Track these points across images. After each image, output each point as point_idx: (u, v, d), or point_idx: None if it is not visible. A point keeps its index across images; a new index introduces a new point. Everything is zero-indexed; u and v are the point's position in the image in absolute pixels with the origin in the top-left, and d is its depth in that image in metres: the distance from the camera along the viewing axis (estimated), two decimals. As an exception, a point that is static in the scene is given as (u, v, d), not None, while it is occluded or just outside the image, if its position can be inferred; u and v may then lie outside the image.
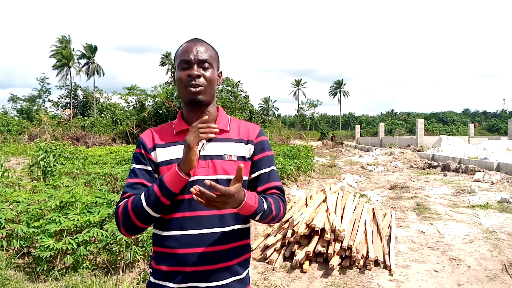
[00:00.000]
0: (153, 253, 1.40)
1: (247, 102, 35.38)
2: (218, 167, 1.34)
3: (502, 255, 4.61)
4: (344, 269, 4.09)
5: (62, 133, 25.92)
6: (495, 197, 8.27)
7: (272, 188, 1.44)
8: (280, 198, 1.43)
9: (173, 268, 1.31)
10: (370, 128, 64.56)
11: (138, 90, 36.54)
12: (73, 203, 3.97)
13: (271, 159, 1.47)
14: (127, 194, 1.35)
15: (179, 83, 1.38)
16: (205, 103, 1.39)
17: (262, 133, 1.48)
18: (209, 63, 1.38)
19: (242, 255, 1.40)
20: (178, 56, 1.40)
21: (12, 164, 10.09)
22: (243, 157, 1.40)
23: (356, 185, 10.22)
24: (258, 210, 1.29)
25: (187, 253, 1.30)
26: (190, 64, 1.36)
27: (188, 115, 1.43)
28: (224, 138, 1.40)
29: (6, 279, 3.44)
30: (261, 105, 78.64)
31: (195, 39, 1.41)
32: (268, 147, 1.48)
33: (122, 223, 1.30)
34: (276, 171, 1.49)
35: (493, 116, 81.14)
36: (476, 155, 16.29)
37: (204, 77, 1.36)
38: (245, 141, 1.42)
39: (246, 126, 1.47)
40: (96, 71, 55.64)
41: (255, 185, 1.44)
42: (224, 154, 1.37)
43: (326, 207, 4.95)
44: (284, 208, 1.42)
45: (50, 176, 7.05)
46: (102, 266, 3.81)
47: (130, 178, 1.37)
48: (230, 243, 1.35)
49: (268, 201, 1.35)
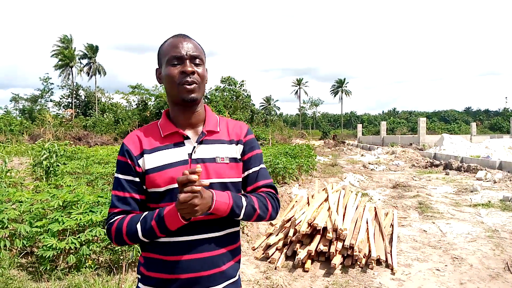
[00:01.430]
0: (142, 259, 1.34)
1: (249, 101, 35.38)
2: (211, 170, 1.30)
3: (505, 253, 4.61)
4: (346, 268, 4.09)
5: (64, 133, 26.00)
6: (497, 195, 8.25)
7: (262, 187, 1.40)
8: (269, 195, 1.38)
9: (167, 275, 1.27)
10: (372, 127, 64.43)
11: (142, 89, 36.57)
12: (76, 202, 3.98)
13: (260, 157, 1.44)
14: (118, 209, 1.30)
15: (169, 80, 1.29)
16: (197, 102, 1.33)
17: (250, 131, 1.45)
18: (200, 59, 1.32)
19: (234, 257, 1.37)
20: (166, 51, 1.31)
21: (15, 164, 10.12)
22: (235, 159, 1.36)
23: (358, 184, 10.21)
24: (235, 206, 1.25)
25: (182, 260, 1.27)
26: (182, 60, 1.28)
27: (176, 115, 1.35)
28: (214, 140, 1.35)
29: (10, 278, 3.45)
30: (262, 104, 78.57)
31: (182, 35, 1.34)
32: (256, 145, 1.45)
33: (114, 239, 1.29)
34: (265, 169, 1.46)
35: (495, 114, 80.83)
36: (478, 153, 16.24)
37: (198, 74, 1.30)
38: (235, 142, 1.38)
39: (234, 126, 1.43)
40: (98, 71, 55.70)
41: (244, 185, 1.41)
42: (216, 157, 1.32)
43: (328, 206, 4.95)
44: (273, 205, 1.38)
45: (53, 175, 7.07)
46: (105, 265, 3.82)
47: (117, 190, 1.31)
48: (224, 247, 1.33)
49: (249, 198, 1.31)
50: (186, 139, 1.33)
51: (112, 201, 1.32)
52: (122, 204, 1.30)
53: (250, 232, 5.12)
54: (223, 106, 30.99)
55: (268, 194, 1.39)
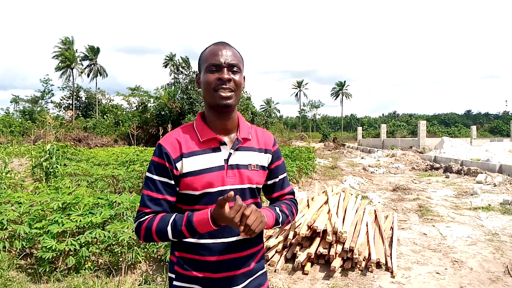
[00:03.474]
0: (175, 258, 1.41)
1: (249, 103, 35.41)
2: (244, 176, 1.39)
3: (505, 257, 4.60)
4: (346, 271, 4.08)
5: (64, 134, 25.98)
6: (498, 199, 8.25)
7: (286, 194, 1.57)
8: (293, 202, 1.56)
9: (203, 274, 1.36)
10: (372, 130, 64.38)
11: (141, 91, 36.59)
12: (76, 204, 3.97)
13: (284, 166, 1.58)
14: (149, 209, 1.33)
15: (206, 86, 1.34)
16: (232, 109, 1.38)
17: (275, 141, 1.55)
18: (238, 67, 1.36)
19: (259, 254, 1.49)
20: (206, 58, 1.36)
21: (15, 165, 10.12)
22: (263, 167, 1.47)
23: (358, 187, 10.20)
24: (278, 218, 1.40)
25: (219, 260, 1.36)
26: (220, 68, 1.33)
27: (212, 120, 1.40)
28: (248, 147, 1.43)
29: (9, 280, 3.45)
30: (263, 106, 78.61)
31: (223, 42, 1.39)
32: (281, 154, 1.58)
33: (143, 237, 1.32)
34: (287, 176, 1.61)
35: (496, 118, 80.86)
36: (478, 157, 16.24)
37: (234, 82, 1.34)
38: (264, 150, 1.48)
39: (263, 135, 1.52)
40: (99, 73, 55.76)
41: (271, 191, 1.55)
42: (249, 164, 1.41)
43: (328, 208, 4.95)
44: (296, 210, 1.55)
45: (53, 177, 7.07)
46: (104, 267, 3.81)
47: (150, 191, 1.34)
48: (253, 247, 1.44)
49: (282, 210, 1.45)
50: (223, 145, 1.39)
51: (144, 200, 1.34)
52: (153, 204, 1.33)
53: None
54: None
55: (292, 200, 1.57)
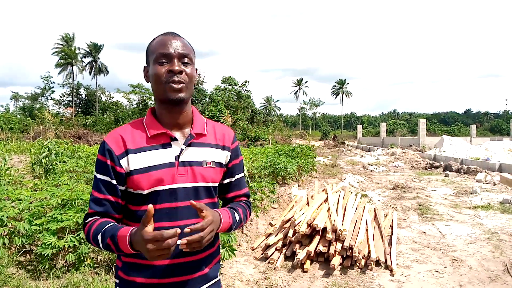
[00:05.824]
0: (121, 263, 1.31)
1: (249, 102, 35.38)
2: (197, 174, 1.28)
3: (504, 256, 4.60)
4: (346, 269, 4.08)
5: (64, 131, 25.98)
6: (497, 198, 8.25)
7: (242, 196, 1.48)
8: (247, 205, 1.47)
9: (150, 280, 1.25)
10: (371, 128, 64.35)
11: (142, 89, 36.56)
12: (75, 201, 3.97)
13: (243, 164, 1.49)
14: (92, 210, 1.26)
15: (156, 79, 1.24)
16: (185, 102, 1.29)
17: (236, 138, 1.46)
18: (190, 58, 1.27)
19: (214, 259, 1.38)
20: (154, 49, 1.26)
21: (15, 162, 10.12)
22: (220, 164, 1.36)
23: (357, 185, 10.21)
24: (233, 225, 1.32)
25: (165, 264, 1.24)
26: (170, 59, 1.24)
27: (163, 114, 1.30)
28: (202, 143, 1.33)
29: (8, 276, 3.45)
30: (263, 104, 78.55)
31: (171, 32, 1.30)
32: (240, 152, 1.47)
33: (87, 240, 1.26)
34: (244, 177, 1.50)
35: (495, 116, 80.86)
36: (478, 155, 16.24)
37: (186, 74, 1.25)
38: (221, 147, 1.37)
39: (221, 130, 1.41)
40: (101, 70, 55.62)
41: (226, 191, 1.45)
42: (203, 161, 1.30)
43: (328, 207, 4.95)
44: (250, 213, 1.47)
45: (52, 174, 7.07)
46: (104, 264, 3.81)
47: (95, 190, 1.27)
48: (206, 251, 1.33)
49: (238, 212, 1.38)
50: (174, 141, 1.29)
51: (90, 201, 1.28)
52: (96, 205, 1.26)
53: (250, 232, 5.12)
54: (223, 106, 31.00)
55: (246, 203, 1.48)
